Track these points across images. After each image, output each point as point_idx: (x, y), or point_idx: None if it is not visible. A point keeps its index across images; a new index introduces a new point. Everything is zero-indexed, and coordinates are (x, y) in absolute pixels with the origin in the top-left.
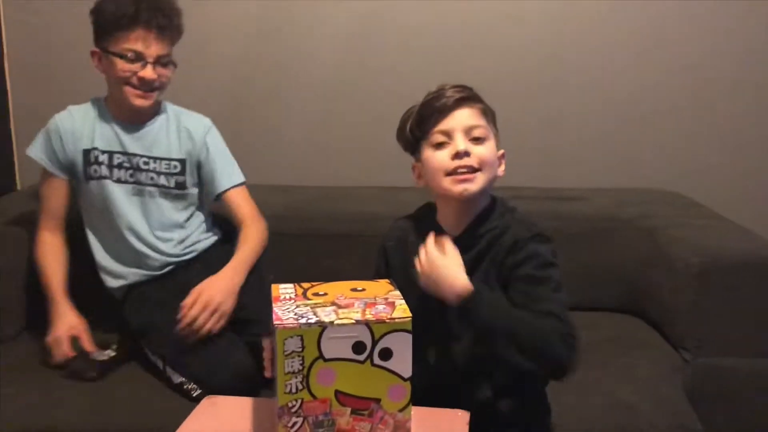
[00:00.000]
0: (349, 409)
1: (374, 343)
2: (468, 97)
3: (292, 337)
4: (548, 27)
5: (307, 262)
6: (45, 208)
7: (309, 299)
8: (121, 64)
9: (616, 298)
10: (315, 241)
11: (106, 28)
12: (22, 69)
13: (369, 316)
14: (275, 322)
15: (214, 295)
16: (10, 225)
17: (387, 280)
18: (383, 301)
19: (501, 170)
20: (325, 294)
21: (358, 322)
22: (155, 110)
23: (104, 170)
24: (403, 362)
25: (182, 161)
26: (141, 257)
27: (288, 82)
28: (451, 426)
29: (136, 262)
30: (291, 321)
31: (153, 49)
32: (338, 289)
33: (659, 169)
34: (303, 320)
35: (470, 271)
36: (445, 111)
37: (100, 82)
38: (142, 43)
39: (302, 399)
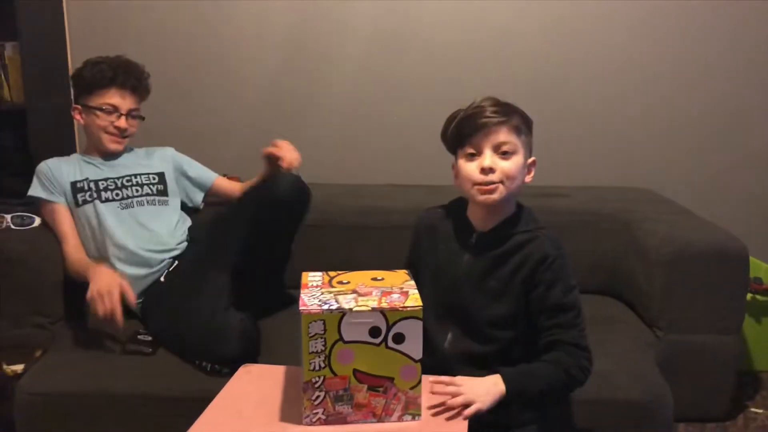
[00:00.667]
0: (365, 386)
1: (388, 328)
2: (505, 118)
3: (315, 321)
4: (535, 43)
5: (329, 251)
6: (61, 234)
7: (333, 287)
8: (101, 116)
9: (596, 282)
10: (336, 231)
11: (88, 88)
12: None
13: (384, 305)
14: (301, 308)
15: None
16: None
17: (405, 271)
18: (399, 291)
19: (528, 178)
20: (348, 282)
21: (374, 309)
22: (126, 150)
23: (93, 194)
24: (414, 345)
25: (160, 174)
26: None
27: (316, 90)
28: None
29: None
30: (315, 307)
31: (126, 103)
32: (360, 278)
33: (635, 170)
34: (326, 306)
35: (492, 268)
36: (480, 130)
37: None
38: (119, 97)
39: (324, 376)
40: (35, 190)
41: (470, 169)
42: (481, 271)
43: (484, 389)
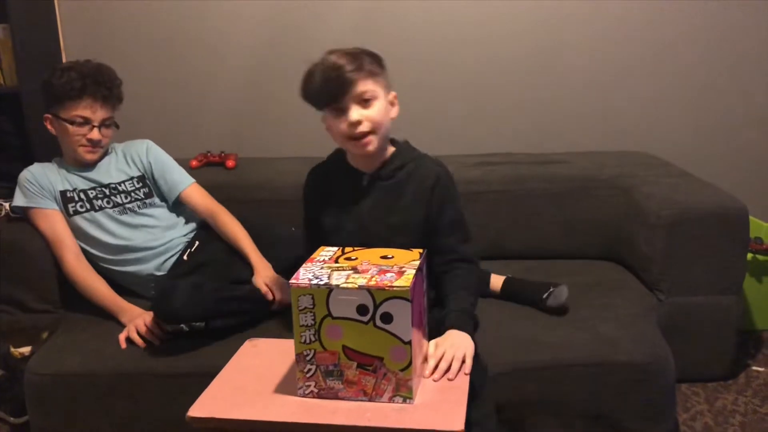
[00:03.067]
0: (355, 363)
1: (375, 307)
2: (358, 70)
3: (304, 295)
4: (536, 19)
5: None
6: (55, 241)
7: (337, 263)
8: (72, 129)
9: (597, 247)
10: None
11: (58, 98)
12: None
13: (372, 283)
14: (291, 281)
15: (274, 278)
16: None
17: (419, 250)
18: (397, 270)
19: (394, 113)
20: (356, 259)
21: (360, 287)
22: (103, 154)
23: (86, 204)
24: (403, 327)
25: (140, 177)
26: (137, 277)
27: (305, 65)
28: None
29: (134, 280)
30: (305, 282)
31: (98, 114)
32: (370, 255)
33: (634, 134)
34: (314, 282)
35: (390, 203)
36: (339, 90)
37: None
38: (90, 110)
39: (315, 350)
40: (20, 200)
41: (340, 126)
42: (382, 207)
43: (459, 338)
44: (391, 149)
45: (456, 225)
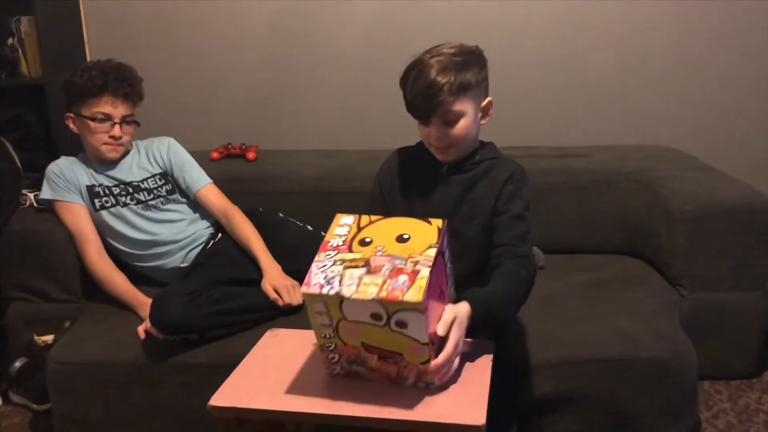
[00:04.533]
0: (375, 356)
1: (389, 315)
2: (443, 93)
3: (317, 302)
4: (559, 10)
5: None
6: (81, 235)
7: (350, 252)
8: (94, 126)
9: (619, 242)
10: (354, 198)
11: (79, 96)
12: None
13: (383, 294)
14: (303, 287)
15: (283, 281)
16: None
17: (438, 225)
18: (410, 269)
19: (484, 120)
20: (371, 242)
21: (372, 300)
22: (125, 152)
23: (111, 200)
24: (418, 331)
25: (162, 174)
26: (162, 271)
27: (323, 59)
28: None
29: (158, 272)
30: (316, 288)
31: (119, 110)
32: (386, 236)
33: (657, 128)
34: (325, 290)
35: (464, 194)
36: (422, 111)
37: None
38: (111, 106)
39: (336, 344)
40: (47, 193)
41: (424, 133)
42: (455, 197)
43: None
44: (475, 147)
45: (518, 222)
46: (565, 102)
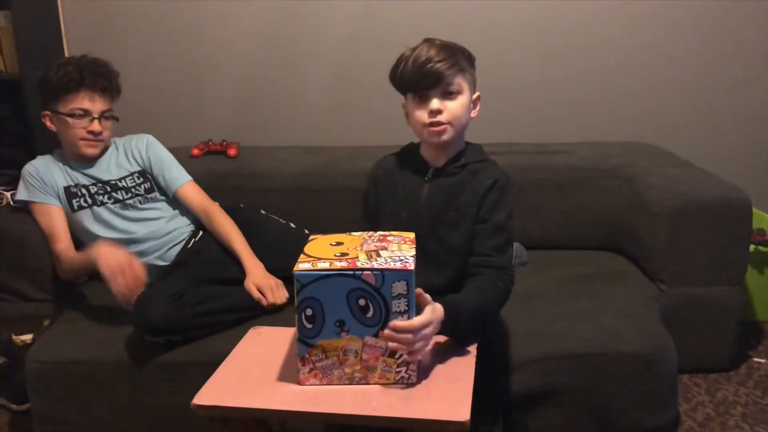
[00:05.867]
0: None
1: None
2: (449, 64)
3: None
4: (539, 8)
5: (333, 213)
6: (54, 234)
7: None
8: (72, 122)
9: (599, 237)
10: (336, 194)
11: (56, 92)
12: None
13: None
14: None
15: (267, 280)
16: None
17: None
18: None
19: (474, 113)
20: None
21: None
22: (104, 148)
23: (88, 200)
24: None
25: (141, 171)
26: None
27: (305, 56)
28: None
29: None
30: None
31: (97, 105)
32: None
33: (637, 124)
34: None
35: (450, 198)
36: (427, 80)
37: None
38: (89, 101)
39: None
40: (23, 194)
41: (419, 113)
42: (441, 202)
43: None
44: (462, 148)
45: (498, 232)
46: (545, 99)
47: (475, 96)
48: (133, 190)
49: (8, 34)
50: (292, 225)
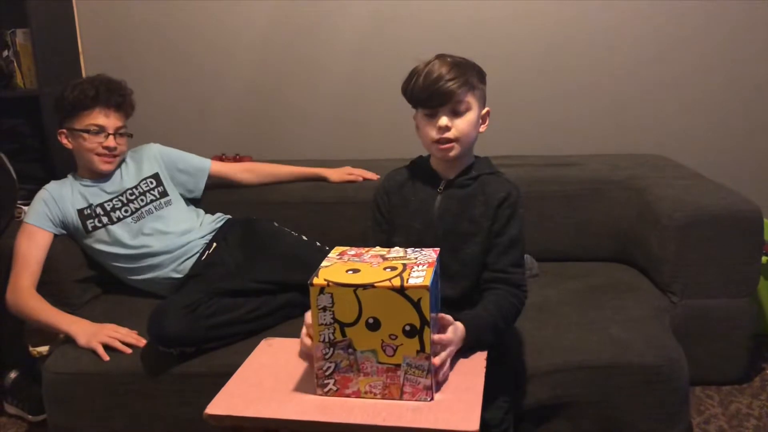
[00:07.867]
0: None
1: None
2: (459, 83)
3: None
4: (549, 20)
5: (342, 226)
6: (24, 261)
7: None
8: (88, 137)
9: (610, 249)
10: (347, 207)
11: (71, 110)
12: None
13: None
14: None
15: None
16: None
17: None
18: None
19: (483, 128)
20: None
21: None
22: (118, 164)
23: (104, 219)
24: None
25: (155, 175)
26: (156, 282)
27: (317, 70)
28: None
29: (158, 283)
30: None
31: (112, 121)
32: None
33: (647, 136)
34: None
35: (463, 210)
36: (435, 99)
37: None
38: (104, 117)
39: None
40: (31, 218)
41: (428, 128)
42: (454, 213)
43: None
44: (472, 161)
45: (512, 246)
46: (556, 111)
47: (484, 111)
48: (148, 194)
49: (27, 51)
50: (305, 237)
